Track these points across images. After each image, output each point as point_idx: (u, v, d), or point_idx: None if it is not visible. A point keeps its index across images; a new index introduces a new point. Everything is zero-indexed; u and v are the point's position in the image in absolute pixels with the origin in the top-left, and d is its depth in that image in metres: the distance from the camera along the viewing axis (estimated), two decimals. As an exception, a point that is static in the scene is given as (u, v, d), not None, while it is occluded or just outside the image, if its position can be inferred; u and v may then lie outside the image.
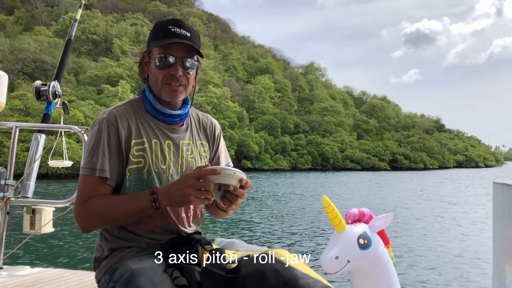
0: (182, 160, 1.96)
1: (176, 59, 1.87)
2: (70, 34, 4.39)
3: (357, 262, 2.09)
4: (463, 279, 9.79)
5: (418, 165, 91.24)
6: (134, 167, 1.84)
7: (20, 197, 3.62)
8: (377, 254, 2.14)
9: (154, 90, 1.94)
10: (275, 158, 75.88)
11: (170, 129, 1.96)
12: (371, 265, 2.12)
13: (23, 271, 3.48)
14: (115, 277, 1.72)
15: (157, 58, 1.87)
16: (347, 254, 2.08)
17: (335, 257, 2.06)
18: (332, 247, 2.09)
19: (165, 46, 1.86)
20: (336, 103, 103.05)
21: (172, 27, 1.87)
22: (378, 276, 2.14)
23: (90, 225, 1.78)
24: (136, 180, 1.84)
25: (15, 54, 60.63)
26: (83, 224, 1.77)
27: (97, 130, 1.83)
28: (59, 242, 12.52)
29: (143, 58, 1.97)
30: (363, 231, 2.15)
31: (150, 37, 1.93)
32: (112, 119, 1.85)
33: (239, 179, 1.69)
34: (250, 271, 1.58)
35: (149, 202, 1.72)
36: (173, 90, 1.89)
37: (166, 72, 1.88)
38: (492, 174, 66.62)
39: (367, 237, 2.13)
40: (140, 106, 1.96)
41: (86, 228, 1.78)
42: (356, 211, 2.22)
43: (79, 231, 1.81)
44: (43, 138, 3.82)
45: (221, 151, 2.18)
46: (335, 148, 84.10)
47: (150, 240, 1.85)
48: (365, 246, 2.10)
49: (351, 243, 2.10)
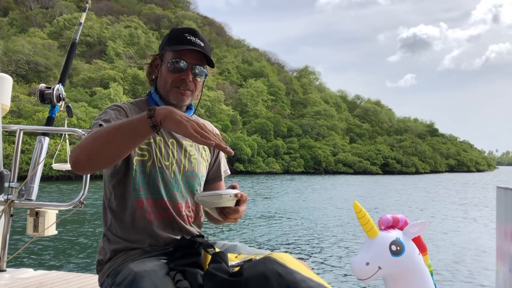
0: (184, 159, 1.98)
1: (188, 65, 1.93)
2: (75, 37, 4.40)
3: (389, 268, 2.06)
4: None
5: (410, 169, 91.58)
6: (140, 159, 1.87)
7: (24, 199, 3.62)
8: (411, 261, 2.10)
9: (162, 92, 1.98)
10: (268, 161, 75.92)
11: None
12: (405, 272, 2.08)
13: (26, 274, 3.48)
14: (117, 280, 1.73)
15: (170, 62, 1.93)
16: (378, 261, 2.05)
17: (365, 263, 2.04)
18: (363, 253, 2.08)
19: (179, 52, 1.92)
20: (329, 107, 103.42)
21: (187, 35, 1.94)
22: (412, 284, 2.10)
23: (82, 159, 1.59)
24: (141, 172, 1.87)
25: (9, 55, 60.37)
26: (77, 163, 1.60)
27: (106, 110, 1.88)
28: (62, 244, 12.46)
29: (153, 60, 2.02)
30: (396, 238, 2.11)
31: (165, 42, 1.99)
32: (121, 108, 1.91)
33: (234, 199, 1.74)
34: (252, 274, 1.57)
35: (145, 115, 1.54)
36: (181, 93, 1.95)
37: (177, 76, 1.93)
38: (479, 180, 66.80)
39: (400, 244, 2.09)
40: (146, 106, 1.97)
41: (79, 166, 1.61)
42: (390, 217, 2.19)
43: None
44: (47, 141, 3.83)
45: (221, 157, 2.21)
46: (327, 151, 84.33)
47: (152, 241, 1.86)
48: (397, 253, 2.07)
49: (382, 249, 2.07)
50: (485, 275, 10.13)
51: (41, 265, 9.91)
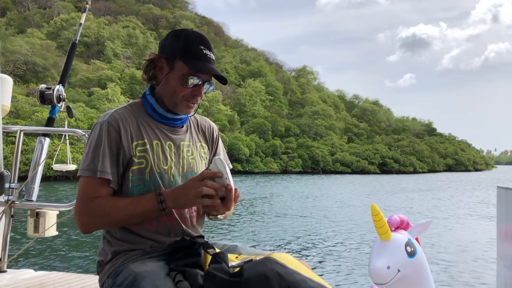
0: (183, 160, 1.97)
1: (202, 82, 1.91)
2: (75, 38, 4.38)
3: (406, 270, 2.03)
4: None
5: (408, 168, 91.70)
6: (136, 168, 1.84)
7: (24, 200, 3.62)
8: (422, 261, 2.09)
9: (167, 101, 1.94)
10: (266, 161, 76.00)
11: (171, 130, 1.98)
12: (416, 274, 2.05)
13: (26, 274, 3.47)
14: (118, 281, 1.72)
15: (184, 76, 1.88)
16: (397, 263, 2.01)
17: (387, 267, 1.99)
18: (380, 256, 2.02)
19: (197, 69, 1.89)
20: (327, 107, 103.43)
21: (204, 49, 1.90)
22: (422, 284, 2.09)
23: (93, 225, 1.78)
24: (139, 180, 1.85)
25: (6, 56, 60.25)
26: (85, 225, 1.78)
27: (98, 133, 1.84)
28: (63, 245, 12.46)
29: (157, 61, 1.94)
30: (408, 239, 2.09)
31: (179, 49, 1.91)
32: (113, 122, 1.85)
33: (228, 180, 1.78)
34: (253, 275, 1.57)
35: (155, 204, 1.75)
36: (190, 107, 1.94)
37: (190, 91, 1.90)
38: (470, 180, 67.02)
39: (412, 245, 2.07)
40: (141, 109, 1.96)
41: (88, 229, 1.79)
42: (398, 218, 2.15)
43: (82, 234, 1.82)
44: (47, 142, 3.82)
45: (219, 153, 2.20)
46: (325, 151, 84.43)
47: (153, 243, 1.86)
48: (412, 254, 2.04)
49: (400, 251, 2.04)
50: (485, 275, 10.16)
51: (41, 266, 9.90)
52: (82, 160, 1.85)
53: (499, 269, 2.68)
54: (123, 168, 1.85)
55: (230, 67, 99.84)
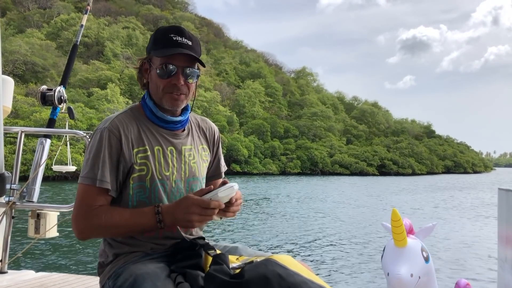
0: (185, 165, 1.95)
1: (177, 68, 1.86)
2: (76, 39, 4.38)
3: (424, 277, 2.00)
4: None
5: (406, 170, 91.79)
6: (137, 175, 1.84)
7: (25, 201, 3.62)
8: (432, 265, 2.07)
9: (155, 98, 1.92)
10: (264, 162, 75.99)
11: (172, 135, 1.96)
12: (429, 278, 2.03)
13: (27, 275, 3.47)
14: (119, 282, 1.72)
15: (158, 67, 1.86)
16: (418, 270, 1.98)
17: (410, 274, 1.95)
18: (401, 264, 1.97)
19: (167, 56, 1.85)
20: (326, 108, 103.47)
21: (173, 36, 1.86)
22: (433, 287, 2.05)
23: (90, 236, 1.80)
24: (139, 187, 1.84)
25: (6, 56, 60.16)
26: (82, 233, 1.79)
27: (99, 140, 1.82)
28: (63, 246, 12.42)
29: (142, 65, 1.95)
30: (421, 244, 2.05)
31: (151, 45, 1.92)
32: (115, 129, 1.84)
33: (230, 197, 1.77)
34: (253, 276, 1.58)
35: (154, 221, 1.74)
36: (174, 99, 1.89)
37: (168, 81, 1.86)
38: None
39: (426, 250, 2.04)
40: (140, 113, 1.95)
41: (85, 237, 1.80)
42: (408, 222, 2.11)
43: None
44: (48, 143, 3.82)
45: (220, 155, 2.20)
46: (324, 152, 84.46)
47: (154, 245, 1.86)
48: (427, 259, 2.02)
49: (418, 257, 2.00)
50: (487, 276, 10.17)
51: (42, 267, 9.88)
52: (82, 166, 1.84)
53: (500, 271, 2.68)
54: (124, 176, 1.84)
55: (230, 68, 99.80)
